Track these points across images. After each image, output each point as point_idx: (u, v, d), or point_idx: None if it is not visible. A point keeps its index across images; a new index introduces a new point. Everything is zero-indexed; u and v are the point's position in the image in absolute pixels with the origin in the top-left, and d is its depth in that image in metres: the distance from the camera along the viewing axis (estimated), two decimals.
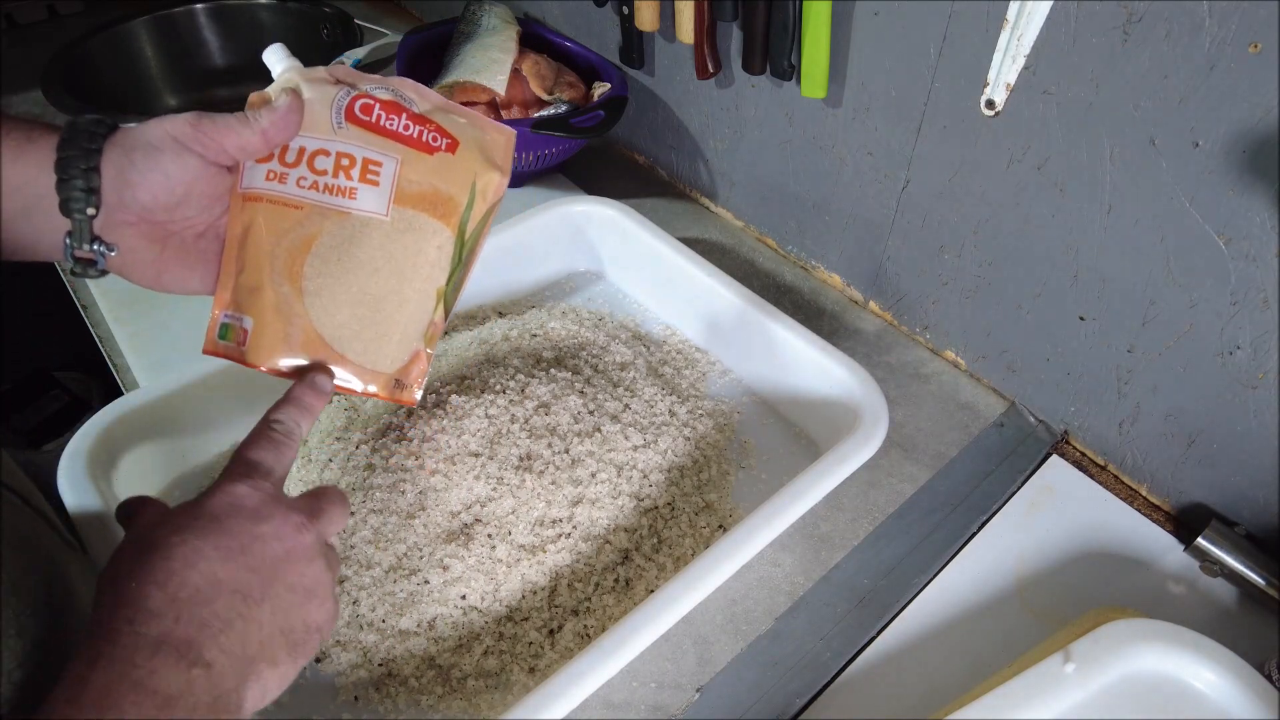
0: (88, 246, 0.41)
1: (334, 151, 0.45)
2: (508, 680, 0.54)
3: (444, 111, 0.48)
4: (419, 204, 0.47)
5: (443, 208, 0.47)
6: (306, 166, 0.45)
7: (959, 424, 0.72)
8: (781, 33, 0.69)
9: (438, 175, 0.47)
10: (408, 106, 0.47)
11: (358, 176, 0.45)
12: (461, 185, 0.48)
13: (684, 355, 0.76)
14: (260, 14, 1.33)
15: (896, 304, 0.80)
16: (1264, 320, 0.53)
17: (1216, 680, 0.51)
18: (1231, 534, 0.60)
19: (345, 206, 0.45)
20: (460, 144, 0.48)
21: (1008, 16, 0.56)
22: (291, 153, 0.45)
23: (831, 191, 0.79)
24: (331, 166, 0.45)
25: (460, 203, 0.48)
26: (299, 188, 0.45)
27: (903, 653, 0.58)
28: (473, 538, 0.58)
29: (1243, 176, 0.50)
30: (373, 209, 0.46)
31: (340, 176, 0.45)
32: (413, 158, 0.46)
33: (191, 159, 0.41)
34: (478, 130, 0.49)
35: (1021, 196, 0.63)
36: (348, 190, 0.45)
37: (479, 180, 0.48)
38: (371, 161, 0.46)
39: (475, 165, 0.48)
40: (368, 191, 0.46)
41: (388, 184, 0.46)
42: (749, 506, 0.62)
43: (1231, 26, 0.47)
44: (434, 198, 0.47)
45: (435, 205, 0.47)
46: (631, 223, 0.78)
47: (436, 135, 0.47)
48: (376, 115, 0.46)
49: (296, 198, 0.45)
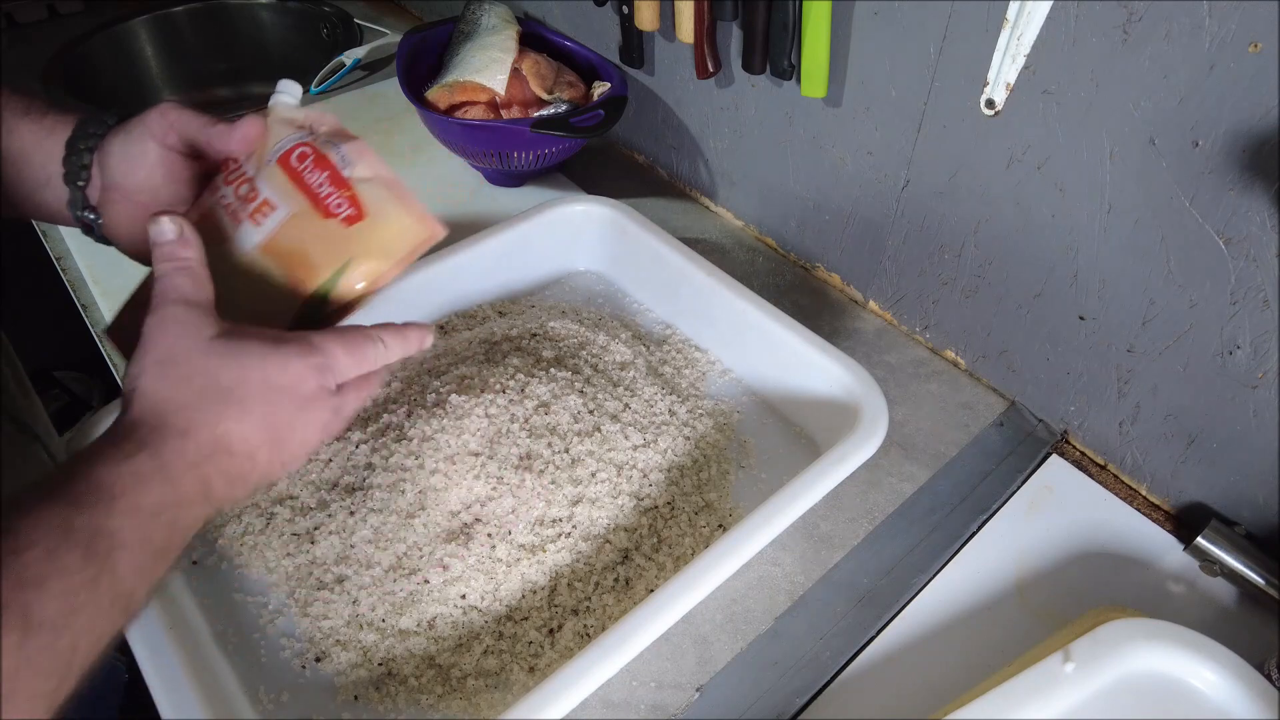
0: (82, 213, 0.49)
1: (254, 184, 0.46)
2: (508, 680, 0.54)
3: (379, 186, 0.46)
4: (281, 259, 0.46)
5: (301, 273, 0.46)
6: (233, 189, 0.47)
7: (959, 424, 0.72)
8: (781, 32, 0.69)
9: (317, 241, 0.45)
10: (339, 168, 0.46)
11: (250, 212, 0.46)
12: (331, 260, 0.45)
13: (684, 355, 0.76)
14: (260, 13, 1.33)
15: (896, 304, 0.80)
16: (1264, 320, 0.53)
17: (1216, 680, 0.51)
18: (1231, 534, 0.60)
19: (229, 232, 0.46)
20: (364, 220, 0.46)
21: (1008, 16, 0.56)
22: (235, 173, 0.47)
23: (831, 191, 0.79)
24: (244, 194, 0.46)
25: (318, 277, 0.46)
26: (220, 203, 0.47)
27: (903, 653, 0.58)
28: (473, 537, 0.58)
29: (1243, 176, 0.50)
30: (241, 242, 0.46)
31: (242, 205, 0.46)
32: (306, 215, 0.45)
33: (150, 145, 0.47)
34: (400, 217, 0.46)
35: (1021, 196, 0.63)
36: (238, 218, 0.46)
37: (354, 264, 0.46)
38: (269, 204, 0.46)
39: (359, 248, 0.46)
40: (248, 228, 0.46)
41: (268, 229, 0.46)
42: (749, 506, 0.62)
43: (1231, 26, 0.47)
44: (298, 259, 0.45)
45: (295, 268, 0.45)
46: (631, 223, 0.78)
47: (344, 204, 0.45)
48: (303, 165, 0.46)
49: (210, 208, 0.47)
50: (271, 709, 0.53)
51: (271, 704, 0.53)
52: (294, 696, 0.54)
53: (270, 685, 0.54)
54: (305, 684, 0.54)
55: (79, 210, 0.49)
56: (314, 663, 0.55)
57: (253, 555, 0.60)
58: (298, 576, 0.58)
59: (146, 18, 1.28)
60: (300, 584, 0.58)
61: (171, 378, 0.40)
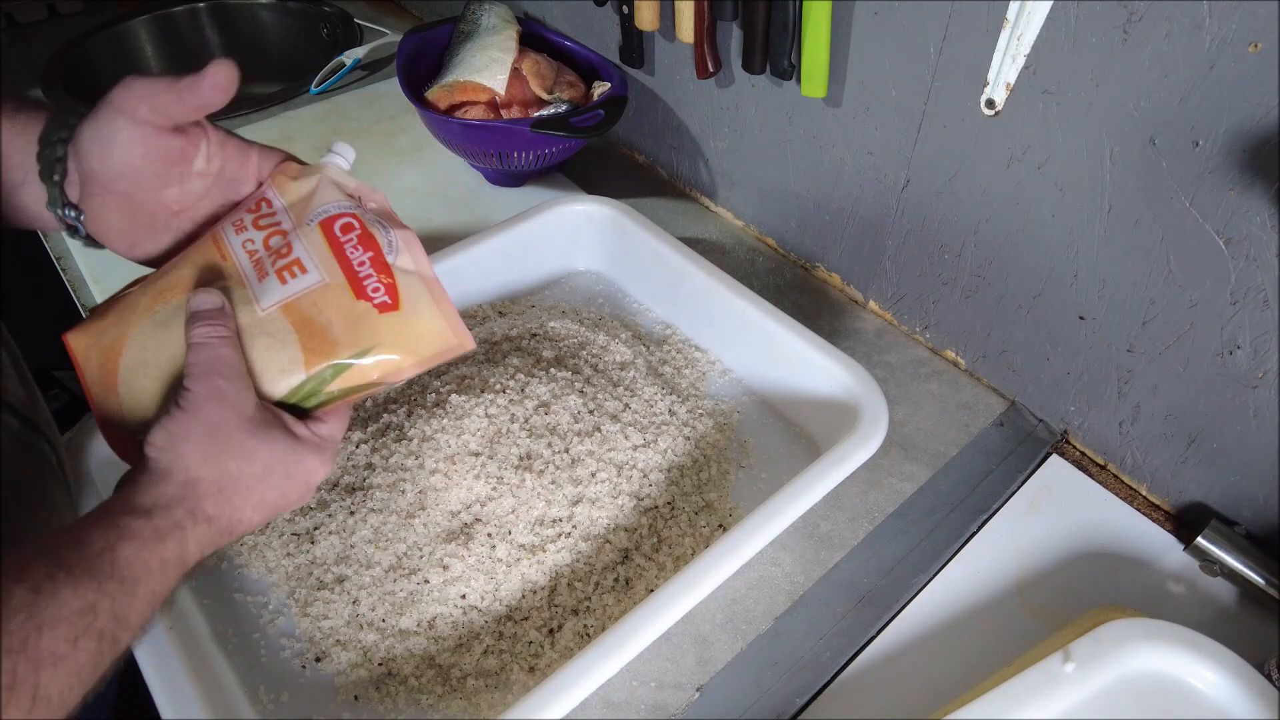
0: (61, 210, 0.46)
1: (289, 239, 0.44)
2: (508, 679, 0.55)
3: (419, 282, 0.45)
4: (300, 325, 0.43)
5: (317, 344, 0.43)
6: (263, 236, 0.45)
7: (959, 423, 0.72)
8: (781, 32, 0.69)
9: (342, 317, 0.43)
10: (384, 252, 0.44)
11: (279, 267, 0.44)
12: (355, 342, 0.43)
13: (684, 355, 0.76)
14: (261, 13, 1.33)
15: (896, 303, 0.80)
16: (1264, 320, 0.53)
17: (1216, 680, 0.51)
18: (1231, 533, 0.60)
19: (249, 282, 0.44)
20: (397, 313, 0.44)
21: (1008, 16, 0.56)
22: (268, 220, 0.45)
23: (831, 191, 0.79)
24: (276, 247, 0.44)
25: (338, 354, 0.43)
26: (243, 247, 0.45)
27: (903, 652, 0.58)
28: (473, 537, 0.58)
29: (1243, 176, 0.50)
30: (262, 295, 0.44)
31: (272, 258, 0.44)
32: (338, 289, 0.43)
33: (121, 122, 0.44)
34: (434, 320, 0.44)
35: (1021, 196, 0.63)
36: (265, 272, 0.44)
37: (375, 352, 0.43)
38: (300, 265, 0.44)
39: (383, 336, 0.43)
40: (272, 283, 0.44)
41: (295, 290, 0.43)
42: (749, 506, 0.62)
43: (1231, 26, 0.47)
44: (318, 331, 0.43)
45: (312, 337, 0.43)
46: (631, 223, 0.78)
47: (380, 289, 0.43)
48: (347, 238, 0.44)
49: (230, 249, 0.45)
50: (271, 709, 0.53)
51: (271, 704, 0.54)
52: (294, 696, 0.54)
53: (270, 685, 0.54)
54: (305, 684, 0.54)
55: (59, 208, 0.46)
56: (314, 663, 0.55)
57: (253, 555, 0.60)
58: (298, 576, 0.58)
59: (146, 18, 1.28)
60: (300, 584, 0.58)
61: (213, 456, 0.39)
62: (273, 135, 1.05)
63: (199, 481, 0.39)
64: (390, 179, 0.98)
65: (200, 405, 0.40)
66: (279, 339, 0.43)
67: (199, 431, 0.39)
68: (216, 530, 0.40)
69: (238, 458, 0.40)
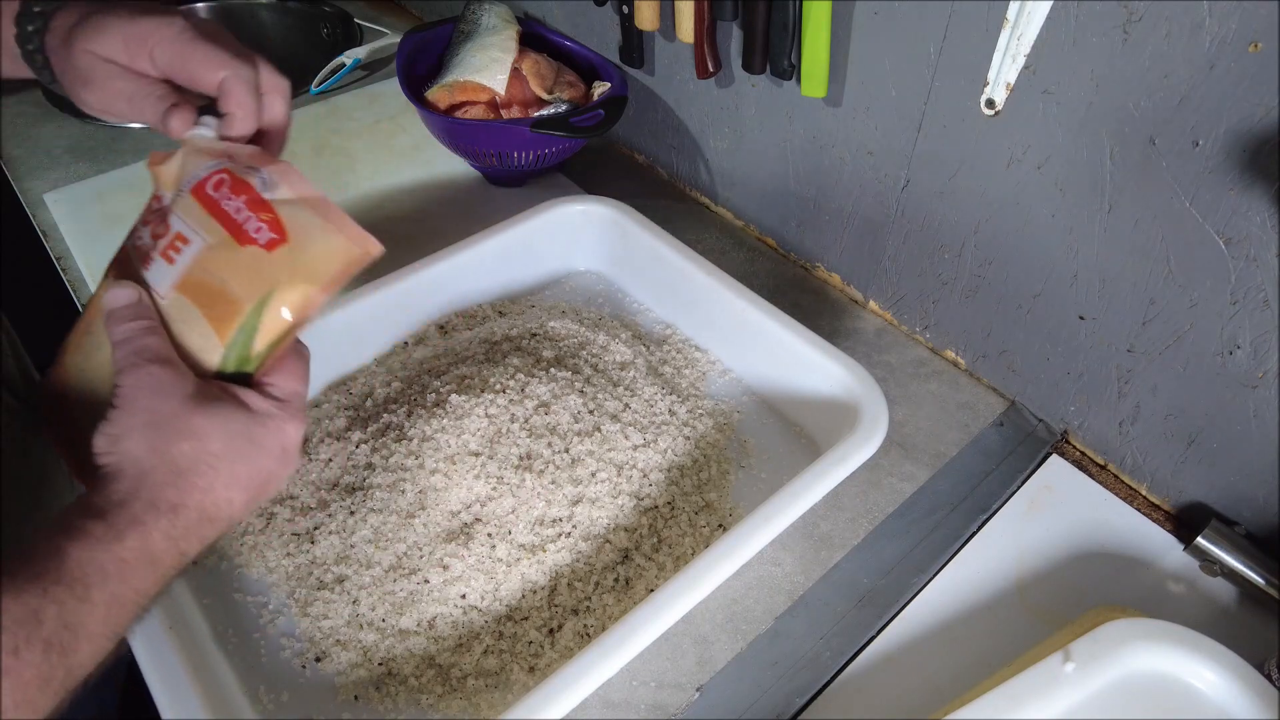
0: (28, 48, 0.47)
1: (166, 220, 0.42)
2: (508, 679, 0.54)
3: (303, 207, 0.42)
4: (199, 296, 0.41)
5: (220, 309, 0.41)
6: (149, 229, 0.43)
7: (959, 423, 0.72)
8: (781, 32, 0.69)
9: (235, 272, 0.41)
10: (259, 190, 0.42)
11: (162, 249, 0.42)
12: (252, 291, 0.41)
13: (684, 355, 0.76)
14: (260, 13, 1.33)
15: (896, 303, 0.80)
16: (1264, 320, 0.53)
17: (1216, 680, 0.51)
18: (1231, 533, 0.60)
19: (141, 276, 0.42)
20: (286, 243, 0.41)
21: (1008, 16, 0.56)
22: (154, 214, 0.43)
23: (831, 191, 0.79)
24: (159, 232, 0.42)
25: (241, 310, 0.41)
26: (135, 241, 0.44)
27: (903, 652, 0.58)
28: (473, 537, 0.58)
29: (1243, 176, 0.50)
30: (155, 285, 0.42)
31: (154, 244, 0.42)
32: (222, 245, 0.41)
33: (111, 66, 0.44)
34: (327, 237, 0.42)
35: (1021, 196, 0.63)
36: (148, 259, 0.42)
37: (277, 293, 0.41)
38: (181, 237, 0.41)
39: (281, 273, 0.41)
40: (161, 267, 0.42)
41: (182, 265, 0.41)
42: (749, 506, 0.62)
43: (1231, 26, 0.47)
44: (217, 295, 0.41)
45: (214, 304, 0.41)
46: (631, 223, 0.78)
47: (263, 227, 0.41)
48: (221, 192, 0.42)
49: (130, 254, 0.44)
50: (271, 709, 0.53)
51: (271, 704, 0.54)
52: (294, 696, 0.54)
53: (270, 685, 0.54)
54: (305, 684, 0.54)
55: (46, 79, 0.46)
56: (314, 663, 0.55)
57: (253, 555, 0.60)
58: (298, 576, 0.58)
59: None
60: (300, 584, 0.58)
61: (160, 444, 0.38)
62: None
63: (151, 472, 0.37)
64: (390, 179, 0.98)
65: (134, 398, 0.38)
66: (187, 320, 0.41)
67: (138, 423, 0.38)
68: (190, 519, 0.38)
69: (188, 439, 0.38)
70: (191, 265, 0.41)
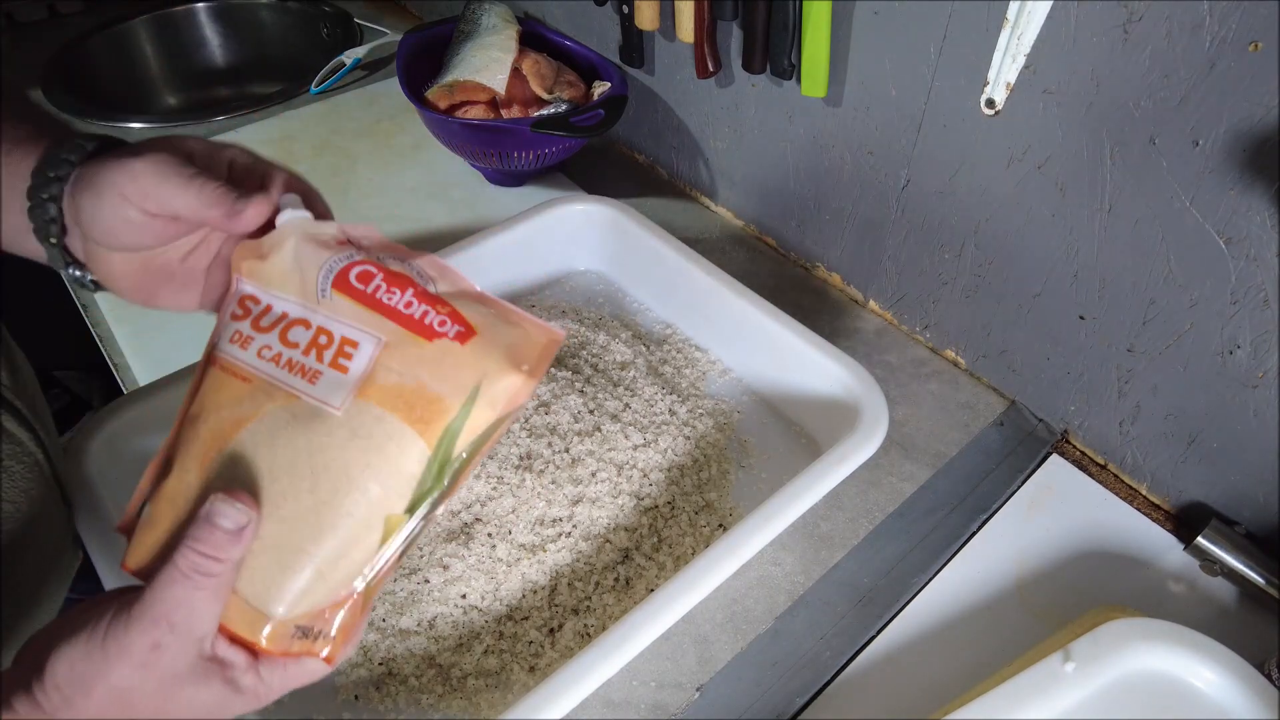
0: (69, 271, 0.42)
1: (315, 325, 0.37)
2: (508, 679, 0.55)
3: (468, 299, 0.38)
4: (389, 401, 0.36)
5: (423, 410, 0.36)
6: (278, 336, 0.37)
7: (959, 423, 0.72)
8: (781, 32, 0.69)
9: (429, 368, 0.36)
10: (420, 284, 0.38)
11: (330, 359, 0.36)
12: (459, 386, 0.36)
13: (684, 355, 0.76)
14: (261, 13, 1.33)
15: (896, 303, 0.80)
16: (1264, 320, 0.53)
17: (1216, 680, 0.51)
18: (1231, 533, 0.60)
19: (299, 390, 0.36)
20: (477, 335, 0.37)
21: (1008, 16, 0.56)
22: (269, 316, 0.38)
23: (832, 191, 0.79)
24: (306, 342, 0.37)
25: (450, 408, 0.36)
26: (259, 358, 0.37)
27: (903, 652, 0.58)
28: (473, 537, 0.58)
29: (1243, 176, 0.50)
30: (326, 399, 0.36)
31: (311, 355, 0.37)
32: (403, 342, 0.36)
33: (131, 211, 0.38)
34: (508, 324, 0.38)
35: (1021, 196, 0.63)
36: (312, 373, 0.36)
37: (487, 383, 0.36)
38: (348, 341, 0.36)
39: (487, 363, 0.36)
40: (331, 377, 0.36)
41: (358, 370, 0.36)
42: (749, 506, 0.62)
43: (1231, 26, 0.47)
44: (414, 396, 0.36)
45: (413, 406, 0.36)
46: (631, 223, 0.78)
47: (446, 320, 0.37)
48: (374, 286, 0.37)
49: (249, 369, 0.37)
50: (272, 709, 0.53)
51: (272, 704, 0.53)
52: (294, 696, 0.53)
53: None
54: None
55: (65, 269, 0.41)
56: None
57: None
58: None
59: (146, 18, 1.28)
60: None
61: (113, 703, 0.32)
62: (273, 135, 1.05)
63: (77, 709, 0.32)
64: (390, 179, 0.98)
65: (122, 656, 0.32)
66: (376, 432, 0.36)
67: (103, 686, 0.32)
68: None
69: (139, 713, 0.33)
70: (373, 368, 0.36)
